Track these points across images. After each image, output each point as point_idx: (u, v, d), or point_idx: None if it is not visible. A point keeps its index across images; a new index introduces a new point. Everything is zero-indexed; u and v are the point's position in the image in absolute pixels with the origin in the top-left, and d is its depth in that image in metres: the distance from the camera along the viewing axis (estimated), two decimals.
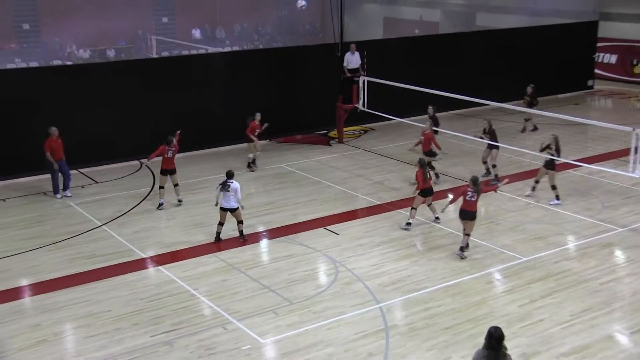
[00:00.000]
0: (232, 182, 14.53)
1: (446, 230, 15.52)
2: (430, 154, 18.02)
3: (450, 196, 17.57)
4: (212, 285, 13.15)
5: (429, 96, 20.54)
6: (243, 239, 15.05)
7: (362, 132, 23.87)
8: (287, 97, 23.12)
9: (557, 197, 17.24)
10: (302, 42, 29.20)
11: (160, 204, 17.04)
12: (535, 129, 23.55)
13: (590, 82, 30.92)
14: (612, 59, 33.21)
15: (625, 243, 14.82)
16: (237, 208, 14.71)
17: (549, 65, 28.54)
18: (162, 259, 14.32)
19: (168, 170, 16.97)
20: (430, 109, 19.77)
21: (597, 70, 31.84)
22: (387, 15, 41.80)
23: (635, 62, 32.48)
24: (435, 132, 18.95)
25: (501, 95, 23.93)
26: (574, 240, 15.05)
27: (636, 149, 14.94)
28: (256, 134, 19.75)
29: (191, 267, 13.91)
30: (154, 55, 30.56)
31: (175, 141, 17.10)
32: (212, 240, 15.09)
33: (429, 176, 15.72)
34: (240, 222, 15.00)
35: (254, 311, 12.16)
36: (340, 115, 22.53)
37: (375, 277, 13.33)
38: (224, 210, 14.71)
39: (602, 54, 32.97)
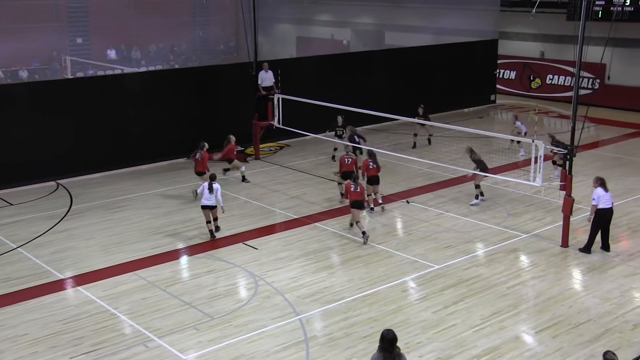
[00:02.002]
0: (214, 184, 15.71)
1: (361, 241, 15.63)
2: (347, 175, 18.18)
3: (369, 206, 17.78)
4: (132, 303, 12.81)
5: (342, 112, 20.77)
6: (213, 238, 15.79)
7: (277, 148, 23.85)
8: (203, 116, 22.90)
9: (477, 197, 18.04)
10: (218, 62, 28.99)
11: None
12: (429, 143, 24.07)
13: (492, 97, 31.96)
14: (512, 74, 34.45)
15: (529, 248, 15.31)
16: (215, 207, 15.84)
17: (454, 80, 29.34)
18: (81, 280, 13.86)
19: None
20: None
21: (498, 85, 32.96)
22: (300, 34, 42.05)
23: (532, 78, 33.81)
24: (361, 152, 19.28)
25: (410, 110, 24.42)
26: (482, 247, 15.44)
27: (536, 159, 15.47)
28: (235, 153, 20.18)
29: (111, 286, 13.51)
30: (69, 76, 29.74)
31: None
32: (138, 257, 14.81)
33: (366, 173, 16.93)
34: (215, 219, 16.03)
35: (175, 328, 11.90)
36: (256, 132, 22.46)
37: (294, 290, 13.29)
38: (205, 208, 15.74)
39: (502, 70, 34.18)
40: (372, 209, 17.46)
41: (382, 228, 16.53)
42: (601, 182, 14.74)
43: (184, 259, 14.96)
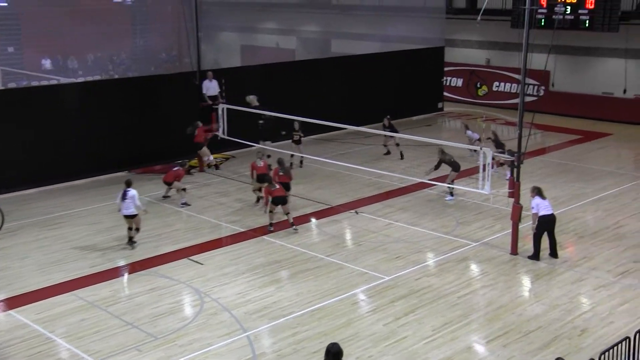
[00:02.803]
0: (129, 191, 15.52)
1: (310, 254, 15.56)
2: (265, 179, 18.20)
3: (314, 220, 17.72)
4: (69, 326, 12.43)
5: (288, 122, 20.71)
6: (132, 246, 15.78)
7: (223, 159, 23.62)
8: (145, 127, 22.54)
9: (451, 194, 18.63)
10: (159, 71, 28.64)
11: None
12: (388, 152, 24.15)
13: (440, 105, 32.34)
14: (459, 82, 34.94)
15: (479, 256, 15.45)
16: (137, 215, 15.68)
17: (401, 88, 29.58)
18: (14, 302, 13.38)
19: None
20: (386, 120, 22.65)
21: (445, 93, 33.35)
22: (244, 43, 41.93)
23: (479, 85, 34.35)
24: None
25: (358, 118, 24.54)
26: (432, 256, 15.52)
27: (484, 166, 15.65)
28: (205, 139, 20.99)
29: (47, 308, 13.09)
30: (0, 87, 28.95)
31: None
32: (76, 276, 14.44)
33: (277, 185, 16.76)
34: (137, 229, 15.86)
35: (116, 350, 11.59)
36: (201, 143, 22.17)
37: (241, 306, 13.11)
38: (125, 217, 15.65)
39: (449, 78, 34.64)
40: (292, 225, 17.18)
41: (331, 240, 16.48)
42: (538, 191, 15.05)
43: (125, 277, 14.62)
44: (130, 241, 15.96)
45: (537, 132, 27.19)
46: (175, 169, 19.20)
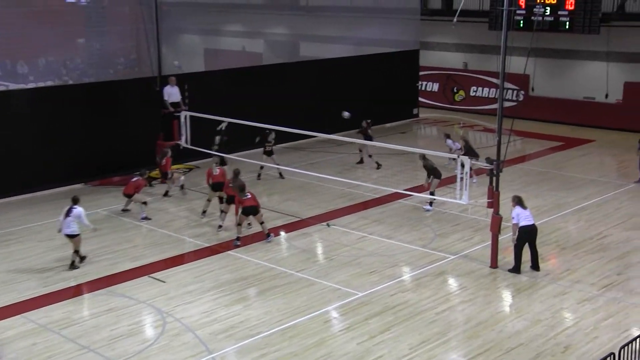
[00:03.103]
0: (75, 208, 15.22)
1: (279, 269, 15.52)
2: (218, 186, 18.47)
3: (283, 233, 17.69)
4: (19, 351, 12.21)
5: (255, 130, 20.67)
6: (72, 267, 15.42)
7: (186, 170, 23.47)
8: (102, 136, 22.34)
9: (430, 203, 18.84)
10: (117, 76, 28.41)
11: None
12: (361, 161, 24.19)
13: (415, 111, 32.55)
14: (435, 87, 35.22)
15: (458, 270, 15.53)
16: (78, 235, 15.35)
17: (374, 94, 29.72)
18: None
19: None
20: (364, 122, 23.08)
21: (421, 99, 33.59)
22: (208, 46, 41.82)
23: (456, 90, 34.64)
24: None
25: (329, 126, 24.59)
26: (408, 271, 15.56)
27: (462, 176, 15.77)
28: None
29: None
30: None
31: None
32: (27, 297, 14.23)
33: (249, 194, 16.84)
34: (75, 252, 15.44)
35: None
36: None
37: (206, 326, 13.01)
38: (66, 237, 15.34)
39: (425, 82, 34.91)
40: (268, 235, 17.26)
41: (301, 254, 16.45)
42: (518, 201, 15.19)
43: (80, 297, 14.44)
44: (72, 265, 15.51)
45: (517, 139, 27.49)
46: (135, 179, 19.06)
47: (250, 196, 16.83)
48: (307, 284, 14.76)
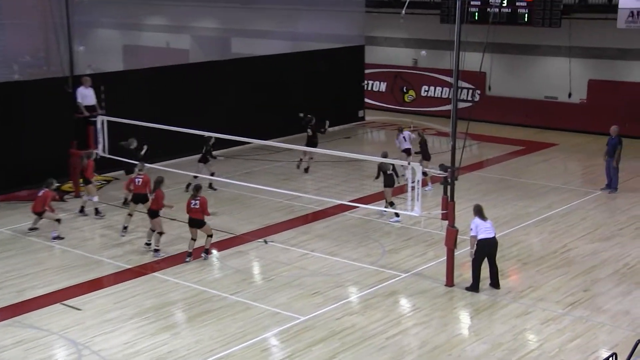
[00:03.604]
0: None
1: (211, 292, 15.45)
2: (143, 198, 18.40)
3: (215, 252, 17.61)
4: None
5: (183, 136, 20.54)
6: None
7: (104, 182, 23.21)
8: (5, 145, 21.94)
9: (397, 214, 19.12)
10: (22, 77, 27.95)
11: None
12: (298, 165, 24.26)
13: (360, 113, 32.81)
14: (382, 86, 35.59)
15: (410, 289, 15.70)
16: None
17: (315, 95, 29.85)
18: None
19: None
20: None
21: (367, 100, 33.90)
22: (128, 42, 41.44)
23: (405, 90, 35.04)
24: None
25: (265, 131, 24.63)
26: (356, 291, 15.66)
27: (412, 185, 15.92)
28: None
29: None
30: None
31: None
32: None
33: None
34: None
35: None
36: (75, 163, 21.74)
37: (129, 358, 12.88)
38: None
39: (371, 82, 35.23)
40: (207, 252, 17.29)
41: (236, 275, 16.42)
42: (478, 210, 15.42)
43: None
44: None
45: (473, 143, 27.95)
46: (41, 192, 18.67)
47: (199, 206, 16.86)
48: (242, 308, 14.73)
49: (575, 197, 22.02)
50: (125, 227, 18.76)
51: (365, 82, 33.66)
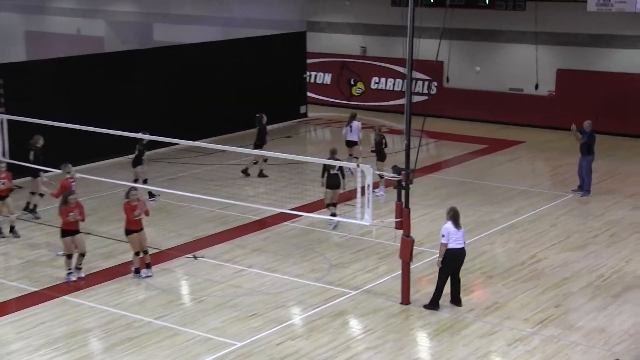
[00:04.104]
0: None
1: (132, 317, 15.30)
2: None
3: (135, 268, 17.47)
4: None
5: (98, 137, 20.34)
6: None
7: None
8: None
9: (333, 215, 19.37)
10: None
11: None
12: (261, 174, 24.15)
13: (303, 109, 32.83)
14: (327, 78, 35.67)
15: (361, 309, 15.75)
16: None
17: (250, 88, 29.81)
18: None
19: None
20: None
21: (309, 94, 33.95)
22: (31, 28, 40.93)
23: (353, 82, 35.16)
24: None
25: (193, 130, 24.47)
26: (299, 312, 15.67)
27: (363, 189, 15.97)
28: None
29: None
30: None
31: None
32: None
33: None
34: None
35: None
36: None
37: None
38: None
39: (314, 73, 35.27)
40: (136, 270, 17.17)
41: (162, 296, 16.30)
42: (453, 215, 15.44)
43: None
44: None
45: (430, 142, 28.18)
46: None
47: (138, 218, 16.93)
48: (169, 334, 14.63)
49: (544, 201, 22.36)
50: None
51: (308, 73, 33.70)
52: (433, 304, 15.58)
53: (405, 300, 15.86)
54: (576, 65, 30.71)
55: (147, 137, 21.02)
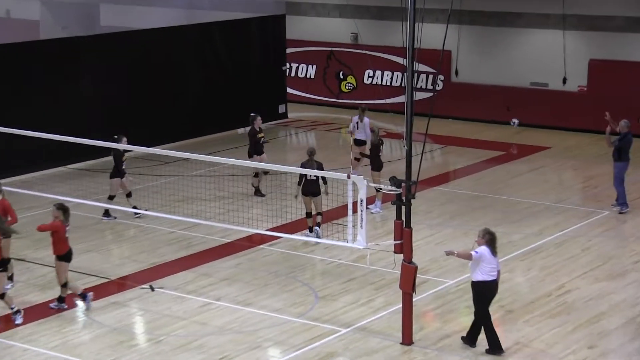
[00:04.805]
0: None
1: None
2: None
3: (80, 303, 17.38)
4: None
5: (31, 143, 20.29)
6: None
7: None
8: None
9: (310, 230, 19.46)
10: None
11: None
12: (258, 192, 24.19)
13: (282, 109, 32.75)
14: (311, 71, 35.64)
15: (353, 350, 15.71)
16: None
17: (219, 84, 29.77)
18: None
19: None
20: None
21: (290, 90, 33.89)
22: None
23: (342, 76, 35.12)
24: None
25: (148, 135, 24.40)
26: (278, 355, 15.63)
27: (355, 205, 15.91)
28: None
29: None
30: None
31: None
32: None
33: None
34: None
35: None
36: None
37: None
38: None
39: (295, 65, 35.26)
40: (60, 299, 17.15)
41: (111, 335, 16.22)
42: (490, 239, 15.21)
43: None
44: None
45: (436, 148, 28.20)
46: None
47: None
48: None
49: (573, 219, 22.37)
50: None
51: (288, 65, 33.68)
52: (494, 347, 15.25)
53: (408, 339, 15.79)
54: (611, 54, 30.80)
55: (121, 146, 20.93)
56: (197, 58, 29.59)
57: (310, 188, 20.07)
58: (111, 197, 22.00)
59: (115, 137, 21.17)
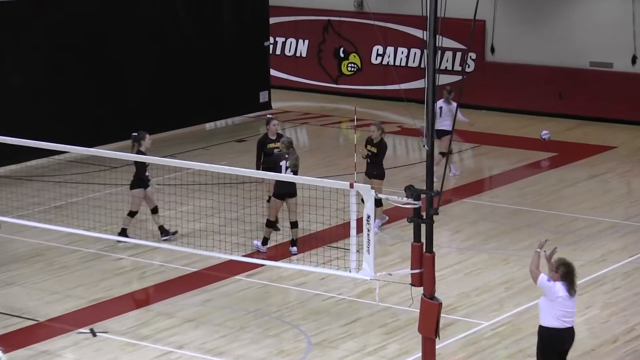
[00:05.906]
0: None
1: None
2: None
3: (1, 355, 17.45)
4: None
5: None
6: None
7: None
8: None
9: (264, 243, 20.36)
10: None
11: None
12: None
13: (263, 96, 32.76)
14: (302, 48, 35.67)
15: None
16: None
17: (180, 68, 29.82)
18: None
19: None
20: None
21: (274, 72, 33.94)
22: None
23: (342, 54, 35.12)
24: None
25: (87, 133, 24.47)
26: None
27: (360, 223, 15.88)
28: None
29: None
30: None
31: None
32: None
33: None
34: None
35: None
36: None
37: None
38: None
39: (281, 40, 35.32)
40: None
41: None
42: (566, 272, 15.08)
43: None
44: None
45: (466, 147, 28.27)
46: None
47: None
48: None
49: None
50: None
51: (272, 40, 33.74)
52: None
53: None
54: None
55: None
56: (153, 33, 29.57)
57: (286, 187, 20.02)
58: (132, 214, 22.01)
59: (135, 134, 21.31)
